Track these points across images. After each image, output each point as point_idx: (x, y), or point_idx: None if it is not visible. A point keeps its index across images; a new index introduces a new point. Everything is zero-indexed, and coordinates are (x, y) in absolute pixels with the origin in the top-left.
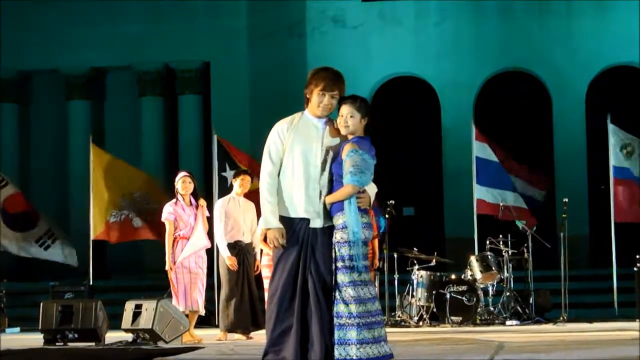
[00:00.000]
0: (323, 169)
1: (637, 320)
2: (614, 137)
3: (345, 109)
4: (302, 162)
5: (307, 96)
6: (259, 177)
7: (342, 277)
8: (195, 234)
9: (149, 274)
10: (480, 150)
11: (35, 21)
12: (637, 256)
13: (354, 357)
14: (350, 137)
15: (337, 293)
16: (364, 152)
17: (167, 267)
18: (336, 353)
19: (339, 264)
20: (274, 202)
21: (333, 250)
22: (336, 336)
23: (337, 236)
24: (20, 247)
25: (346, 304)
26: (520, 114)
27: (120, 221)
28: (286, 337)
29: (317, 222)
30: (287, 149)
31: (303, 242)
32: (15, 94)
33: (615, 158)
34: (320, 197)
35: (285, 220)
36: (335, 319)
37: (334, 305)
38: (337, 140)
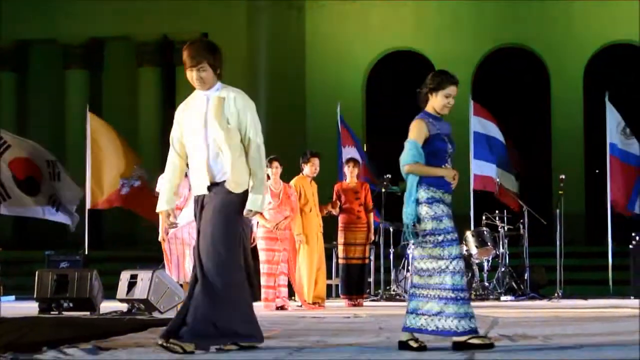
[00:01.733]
0: (206, 138)
1: (632, 297)
2: (612, 115)
3: (456, 91)
4: (190, 136)
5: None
6: None
7: (451, 250)
8: (189, 205)
9: (144, 245)
10: (479, 125)
11: None
12: (633, 234)
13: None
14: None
15: (450, 264)
16: None
17: (159, 238)
18: (466, 325)
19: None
20: (167, 186)
21: (440, 222)
22: (464, 310)
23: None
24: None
25: (462, 276)
26: (518, 91)
27: (134, 187)
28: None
29: (204, 190)
30: (183, 129)
31: (198, 216)
32: (13, 62)
33: (612, 136)
34: (210, 167)
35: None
36: (458, 291)
37: (450, 278)
38: (227, 107)
